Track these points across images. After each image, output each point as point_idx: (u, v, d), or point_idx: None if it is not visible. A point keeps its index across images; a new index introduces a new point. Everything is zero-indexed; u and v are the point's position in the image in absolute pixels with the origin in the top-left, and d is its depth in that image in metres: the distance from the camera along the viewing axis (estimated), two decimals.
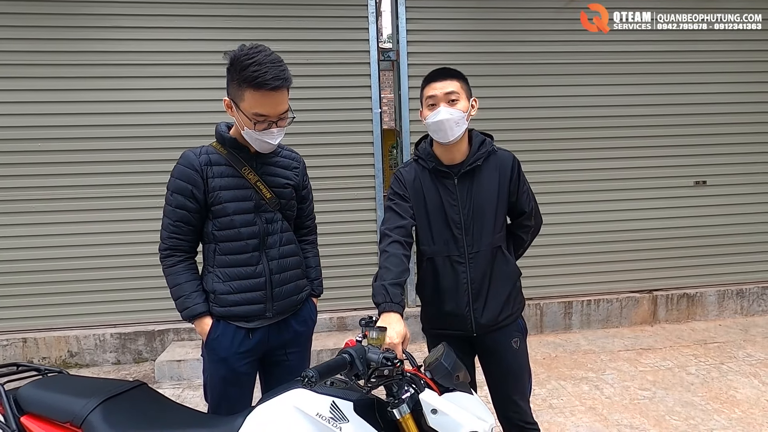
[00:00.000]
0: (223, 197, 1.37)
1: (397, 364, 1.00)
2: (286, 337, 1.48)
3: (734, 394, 2.67)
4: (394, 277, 1.33)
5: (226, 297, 1.39)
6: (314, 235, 1.70)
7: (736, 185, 3.85)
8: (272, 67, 1.24)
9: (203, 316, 1.39)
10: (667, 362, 3.12)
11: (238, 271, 1.39)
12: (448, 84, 1.45)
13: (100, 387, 1.24)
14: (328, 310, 3.53)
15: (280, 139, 1.37)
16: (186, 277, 1.39)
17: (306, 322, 1.54)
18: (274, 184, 1.44)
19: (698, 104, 3.76)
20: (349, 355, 0.99)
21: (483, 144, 1.52)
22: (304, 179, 1.59)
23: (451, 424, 1.00)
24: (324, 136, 3.43)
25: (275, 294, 1.43)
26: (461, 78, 1.49)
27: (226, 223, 1.38)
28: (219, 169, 1.38)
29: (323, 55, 3.39)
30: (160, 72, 3.25)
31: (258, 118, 1.29)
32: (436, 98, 1.44)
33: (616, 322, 3.77)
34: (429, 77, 1.49)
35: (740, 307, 3.90)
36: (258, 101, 1.27)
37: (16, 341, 3.25)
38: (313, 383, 0.91)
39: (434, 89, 1.45)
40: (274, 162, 1.47)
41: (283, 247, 1.45)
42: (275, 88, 1.26)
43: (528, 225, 1.59)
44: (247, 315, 1.40)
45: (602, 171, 3.71)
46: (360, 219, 3.53)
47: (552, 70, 3.59)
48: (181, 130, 3.27)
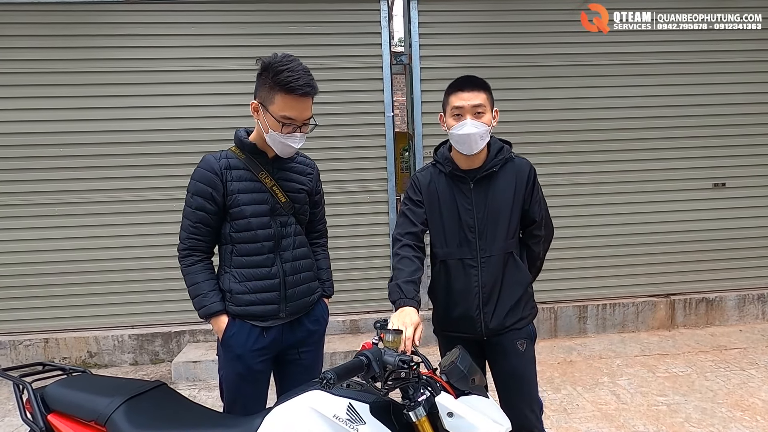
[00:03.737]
0: (240, 200, 1.42)
1: (413, 367, 1.01)
2: (299, 335, 1.52)
3: (755, 402, 2.61)
4: (408, 275, 1.38)
5: (241, 297, 1.43)
6: (325, 239, 1.75)
7: (756, 187, 3.77)
8: (304, 75, 1.34)
9: (219, 315, 1.43)
10: (686, 368, 3.06)
11: (254, 272, 1.43)
12: (475, 96, 1.43)
13: (123, 387, 1.27)
14: (340, 312, 3.54)
15: (301, 144, 1.43)
16: (204, 277, 1.44)
17: (318, 321, 1.58)
18: (290, 188, 1.49)
19: (717, 105, 3.69)
20: (365, 357, 1.00)
21: (501, 151, 1.52)
22: (317, 185, 1.63)
23: (467, 427, 1.00)
24: (337, 139, 3.45)
25: (289, 295, 1.47)
26: (487, 89, 1.48)
27: (243, 225, 1.43)
28: (237, 173, 1.43)
29: (336, 60, 3.42)
30: (177, 78, 3.32)
31: (285, 121, 1.35)
32: (463, 110, 1.43)
33: (633, 326, 3.71)
34: (456, 85, 1.47)
35: (762, 312, 3.81)
36: (288, 104, 1.34)
37: (38, 341, 3.34)
38: (332, 385, 0.92)
39: (462, 99, 1.44)
40: (290, 167, 1.52)
41: (296, 250, 1.50)
42: (305, 94, 1.34)
43: (538, 235, 1.59)
44: (262, 315, 1.44)
45: (618, 173, 3.66)
46: (372, 222, 3.54)
47: (564, 72, 3.56)
48: (200, 135, 3.33)
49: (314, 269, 1.59)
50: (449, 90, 1.48)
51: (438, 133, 3.52)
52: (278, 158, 1.48)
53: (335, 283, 3.74)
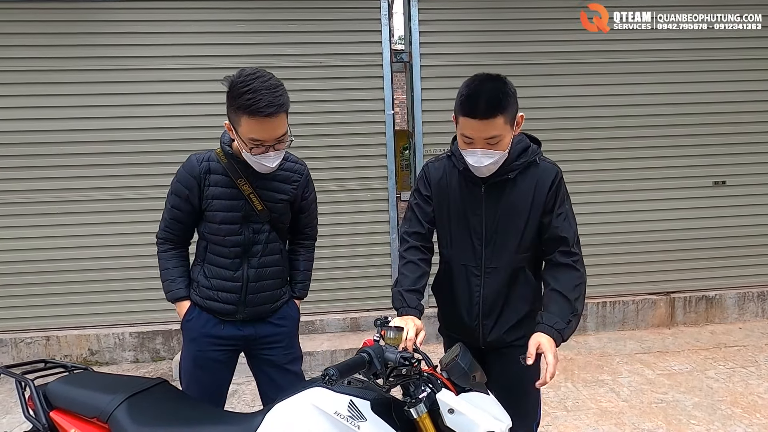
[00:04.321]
0: (214, 206, 1.45)
1: (414, 364, 1.02)
2: (262, 333, 1.54)
3: (755, 399, 2.62)
4: (411, 283, 1.35)
5: (205, 290, 1.50)
6: (311, 241, 1.73)
7: (756, 185, 3.77)
8: (267, 94, 1.25)
9: (183, 300, 1.52)
10: (686, 365, 3.07)
11: (220, 272, 1.49)
12: (490, 126, 1.20)
13: (125, 384, 1.28)
14: (341, 311, 3.55)
15: (278, 162, 1.40)
16: (174, 264, 1.53)
17: (285, 319, 1.59)
18: (268, 198, 1.49)
19: (717, 103, 3.68)
20: (367, 354, 1.00)
21: (524, 153, 1.34)
22: (304, 191, 1.60)
23: (468, 423, 1.01)
24: (337, 137, 3.45)
25: (248, 300, 1.50)
26: (507, 109, 1.21)
27: (213, 229, 1.48)
28: (216, 178, 1.45)
29: (336, 58, 3.42)
30: (174, 76, 3.31)
31: (254, 143, 1.32)
32: (473, 141, 1.24)
33: (633, 324, 3.72)
34: (467, 105, 1.21)
35: (762, 310, 3.82)
36: (253, 128, 1.29)
37: (39, 339, 3.35)
38: (334, 381, 0.93)
39: (472, 129, 1.22)
40: (271, 176, 1.48)
41: (265, 257, 1.51)
42: (269, 115, 1.27)
43: (575, 253, 1.30)
44: (220, 312, 1.50)
45: (618, 171, 3.66)
46: (373, 220, 3.54)
47: (565, 70, 3.56)
48: (198, 133, 3.33)
49: (284, 275, 1.60)
50: (459, 105, 1.24)
51: (439, 131, 3.53)
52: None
53: (335, 280, 3.74)
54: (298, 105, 3.41)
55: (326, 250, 3.50)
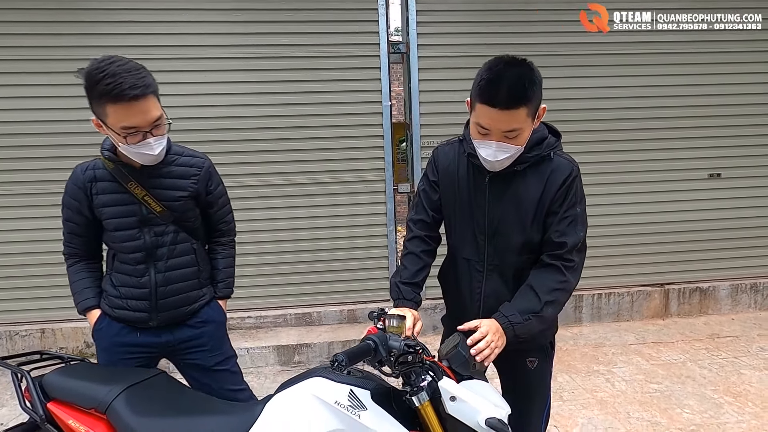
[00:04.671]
0: (106, 213, 1.40)
1: (419, 351, 1.02)
2: (181, 337, 1.50)
3: (748, 389, 2.66)
4: (410, 276, 1.33)
5: (114, 300, 1.45)
6: (229, 237, 1.65)
7: (750, 178, 3.79)
8: (128, 76, 1.19)
9: (92, 309, 1.48)
10: (680, 356, 3.11)
11: (127, 279, 1.44)
12: (512, 118, 1.08)
13: (123, 375, 1.27)
14: (337, 303, 3.55)
15: (161, 148, 1.32)
16: (80, 276, 1.49)
17: (206, 322, 1.53)
18: (165, 197, 1.41)
19: (711, 96, 3.69)
20: (372, 341, 1.01)
21: (539, 145, 1.21)
22: (208, 185, 1.52)
23: (470, 410, 1.01)
24: (334, 129, 3.43)
25: (160, 305, 1.45)
26: (532, 99, 1.09)
27: (111, 237, 1.44)
28: (103, 185, 1.39)
29: (332, 48, 3.38)
30: (169, 66, 3.27)
31: (128, 131, 1.24)
32: (490, 132, 1.12)
33: (627, 315, 3.75)
34: (488, 92, 1.08)
35: (754, 302, 3.86)
36: (121, 114, 1.21)
37: (34, 332, 3.32)
38: (343, 367, 0.93)
39: (490, 119, 1.10)
40: (165, 173, 1.42)
41: (173, 260, 1.45)
42: (135, 98, 1.20)
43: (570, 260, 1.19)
44: (132, 321, 1.45)
45: (613, 164, 3.67)
46: (369, 212, 3.53)
47: (560, 62, 3.54)
48: (190, 124, 3.30)
49: (201, 276, 1.53)
50: (479, 89, 1.11)
51: (437, 122, 3.51)
52: (150, 165, 1.38)
53: (332, 272, 3.73)
54: (293, 96, 3.42)
55: (323, 242, 3.50)
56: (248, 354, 3.15)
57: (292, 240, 3.47)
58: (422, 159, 3.54)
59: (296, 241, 3.48)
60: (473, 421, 1.01)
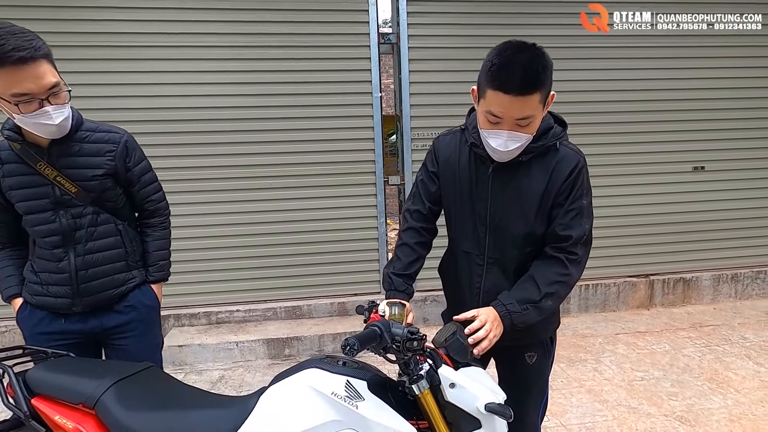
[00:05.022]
0: (15, 196, 1.34)
1: (423, 337, 1.01)
2: (109, 323, 1.46)
3: (730, 375, 2.73)
4: (402, 267, 1.32)
5: (34, 287, 1.41)
6: (159, 218, 1.57)
7: (732, 171, 3.88)
8: (11, 38, 1.11)
9: (14, 298, 1.45)
10: (664, 345, 3.18)
11: (46, 264, 1.39)
12: (524, 104, 1.04)
13: (111, 369, 1.23)
14: (327, 296, 3.53)
15: (62, 118, 1.24)
16: (3, 263, 1.46)
17: (135, 307, 1.49)
18: (79, 177, 1.35)
19: (696, 89, 3.75)
20: (378, 328, 1.00)
21: (545, 135, 1.17)
22: (126, 161, 1.44)
23: (469, 397, 1.01)
24: (323, 120, 3.39)
25: (82, 290, 1.40)
26: (545, 84, 1.06)
27: (25, 221, 1.38)
28: (9, 167, 1.32)
29: (322, 38, 3.33)
30: (156, 54, 3.18)
31: (19, 98, 1.16)
32: (502, 120, 1.07)
33: (614, 306, 3.82)
34: (501, 77, 1.03)
35: (734, 291, 3.97)
36: (8, 79, 1.14)
37: (14, 327, 3.22)
38: (356, 351, 0.92)
39: (502, 106, 1.05)
40: (77, 151, 1.34)
41: (93, 242, 1.39)
42: (22, 60, 1.12)
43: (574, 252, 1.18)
44: (54, 307, 1.41)
45: (600, 156, 3.70)
46: (359, 204, 3.51)
47: (554, 55, 3.55)
48: (178, 114, 3.22)
49: (130, 258, 1.47)
50: (490, 75, 1.05)
51: (428, 114, 3.50)
52: (59, 142, 1.31)
53: (322, 265, 3.69)
54: (281, 86, 3.36)
55: (313, 235, 3.47)
56: (237, 348, 3.12)
57: (280, 233, 3.43)
58: (413, 151, 3.53)
59: (285, 234, 3.44)
60: (472, 408, 1.01)
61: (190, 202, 3.29)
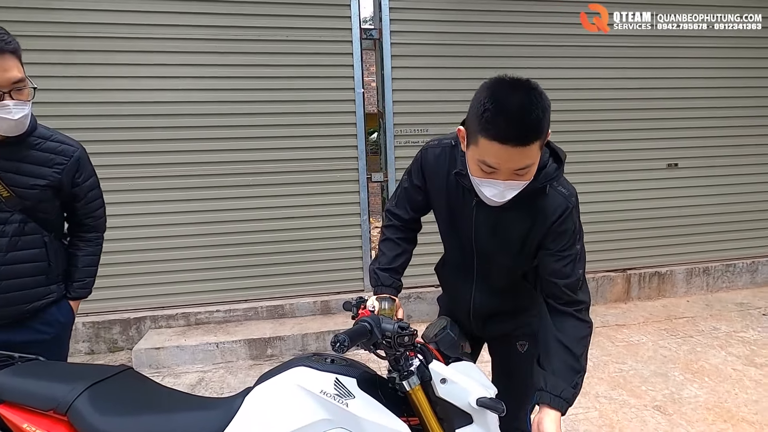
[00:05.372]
0: None
1: (414, 332, 0.99)
2: (18, 338, 1.37)
3: (703, 365, 2.82)
4: (387, 262, 1.32)
5: None
6: (94, 233, 1.54)
7: (705, 168, 4.01)
8: None
9: None
10: (641, 337, 3.26)
11: None
12: (525, 154, 0.92)
13: (84, 372, 1.16)
14: (310, 294, 3.48)
15: (21, 114, 1.22)
16: None
17: (51, 324, 1.43)
18: (17, 183, 1.29)
19: (672, 89, 3.85)
20: (368, 323, 0.97)
21: (536, 177, 1.03)
22: (75, 176, 1.40)
23: (461, 392, 1.00)
24: (305, 116, 3.33)
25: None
26: (546, 130, 0.94)
27: None
28: None
29: (303, 32, 3.27)
30: (125, 46, 3.05)
31: None
32: (497, 171, 0.96)
33: (593, 300, 3.81)
34: (497, 126, 0.90)
35: (706, 284, 4.11)
36: None
37: None
38: (346, 347, 0.89)
39: (499, 157, 0.93)
40: (24, 156, 1.30)
41: (15, 252, 1.32)
42: None
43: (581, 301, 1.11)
44: None
45: (578, 153, 3.75)
46: (342, 201, 3.47)
47: (535, 53, 3.59)
48: (152, 108, 3.11)
49: (51, 273, 1.41)
50: (484, 122, 0.92)
51: (412, 111, 3.48)
52: (9, 144, 1.26)
53: (304, 263, 3.62)
54: (263, 81, 3.29)
55: (295, 233, 3.41)
56: (218, 349, 3.04)
57: (262, 231, 3.36)
58: (396, 147, 3.51)
59: (267, 232, 3.37)
60: (464, 403, 1.00)
61: (167, 199, 3.19)
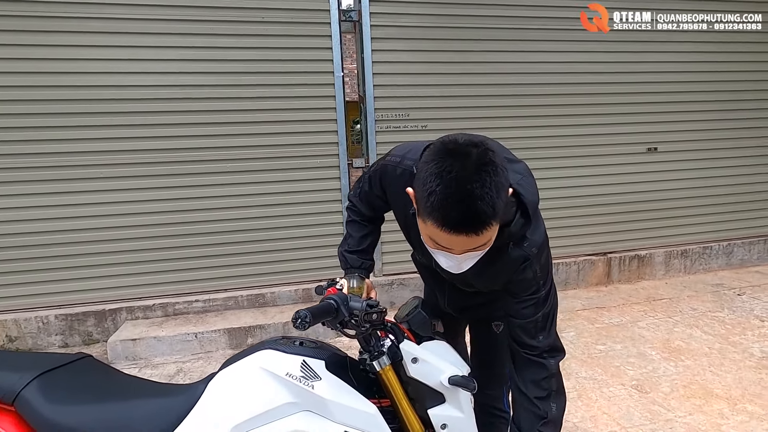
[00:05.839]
0: None
1: (384, 310, 0.96)
2: None
3: (680, 344, 2.87)
4: (355, 243, 1.32)
5: None
6: None
7: (683, 152, 4.05)
8: None
9: None
10: (621, 318, 3.30)
11: None
12: (478, 240, 0.82)
13: (36, 360, 1.10)
14: (290, 282, 3.43)
15: None
16: None
17: None
18: None
19: (652, 72, 3.87)
20: (334, 301, 0.94)
21: (499, 235, 0.89)
22: None
23: (433, 371, 0.98)
24: (283, 100, 3.25)
25: None
26: (500, 211, 0.81)
27: None
28: None
29: (279, 13, 3.17)
30: (102, 27, 2.92)
31: None
32: (452, 250, 0.86)
33: (574, 284, 3.93)
34: (443, 214, 0.79)
35: (684, 266, 4.18)
36: None
37: None
38: (307, 324, 0.86)
39: (450, 244, 0.84)
40: None
41: None
42: None
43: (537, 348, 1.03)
44: None
45: (558, 138, 3.76)
46: (322, 188, 3.41)
47: (519, 36, 3.55)
48: (124, 93, 2.99)
49: None
50: (429, 207, 0.80)
51: (393, 95, 3.42)
52: None
53: (285, 251, 3.58)
54: (237, 64, 3.18)
55: (274, 220, 3.35)
56: (197, 339, 2.98)
57: (241, 218, 3.29)
58: (377, 133, 3.45)
59: (246, 220, 3.30)
60: (436, 382, 0.97)
61: (144, 187, 3.09)
